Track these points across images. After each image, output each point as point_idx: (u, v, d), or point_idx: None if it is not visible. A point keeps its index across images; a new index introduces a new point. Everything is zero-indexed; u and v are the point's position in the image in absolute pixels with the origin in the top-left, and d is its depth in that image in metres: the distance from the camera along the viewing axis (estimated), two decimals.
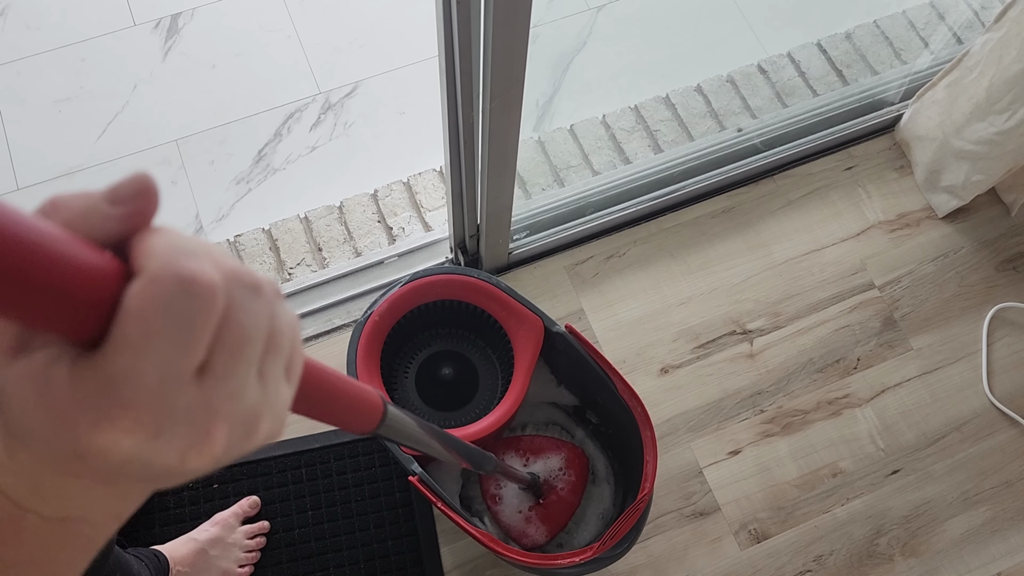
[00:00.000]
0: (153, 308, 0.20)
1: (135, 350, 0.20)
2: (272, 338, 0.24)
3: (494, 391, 1.16)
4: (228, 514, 1.16)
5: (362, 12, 1.70)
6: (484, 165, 1.04)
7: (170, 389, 0.21)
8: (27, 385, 0.20)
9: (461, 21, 0.82)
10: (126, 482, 0.23)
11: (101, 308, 0.20)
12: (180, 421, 0.21)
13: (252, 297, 0.23)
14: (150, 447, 0.21)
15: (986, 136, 1.26)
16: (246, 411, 0.23)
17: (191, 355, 0.21)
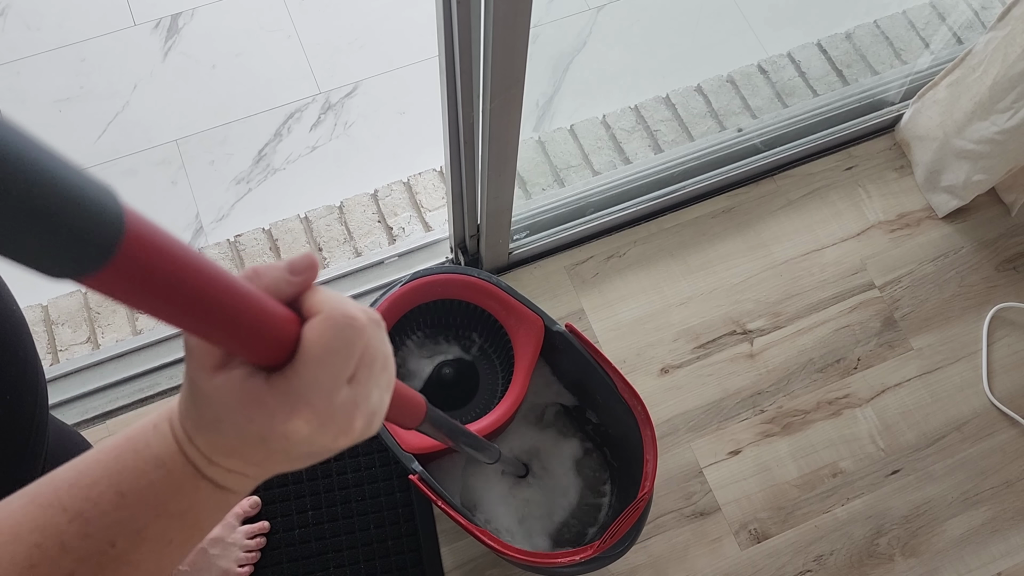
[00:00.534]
0: (330, 335, 0.31)
1: (318, 364, 0.30)
2: (385, 359, 0.35)
3: (494, 391, 1.16)
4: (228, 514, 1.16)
5: (362, 12, 1.70)
6: (484, 165, 1.04)
7: (335, 391, 0.31)
8: (229, 390, 0.30)
9: (461, 21, 0.82)
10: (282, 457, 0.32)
11: (284, 343, 0.31)
12: (338, 413, 0.31)
13: (378, 330, 0.34)
14: (318, 431, 0.31)
15: (988, 135, 1.26)
16: (371, 409, 0.34)
17: (349, 367, 0.32)
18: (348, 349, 0.31)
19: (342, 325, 0.31)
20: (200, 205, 1.50)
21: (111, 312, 1.35)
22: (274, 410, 0.30)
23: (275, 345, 0.30)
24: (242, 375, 0.30)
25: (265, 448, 0.31)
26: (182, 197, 1.50)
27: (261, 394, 0.30)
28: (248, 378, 0.30)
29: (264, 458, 0.32)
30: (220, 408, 0.31)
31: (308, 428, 0.30)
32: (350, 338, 0.31)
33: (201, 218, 1.48)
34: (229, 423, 0.31)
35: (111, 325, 1.34)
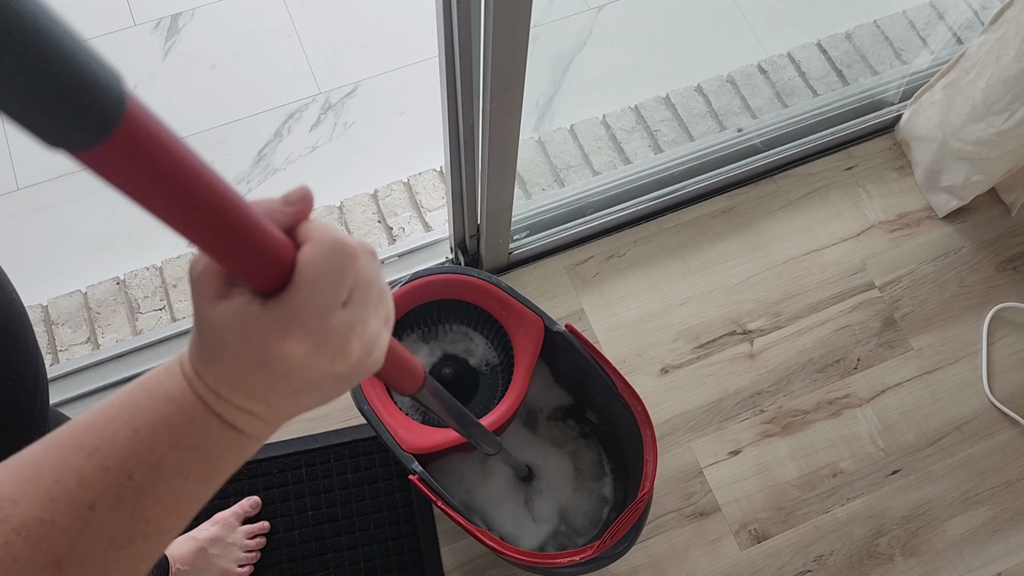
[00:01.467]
0: (323, 259, 0.32)
1: (311, 287, 0.31)
2: (382, 290, 0.36)
3: (494, 391, 1.16)
4: (228, 514, 1.16)
5: (362, 12, 1.70)
6: (484, 165, 1.04)
7: (329, 314, 0.32)
8: (230, 316, 0.31)
9: (461, 21, 0.82)
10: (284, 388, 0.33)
11: (281, 266, 0.31)
12: (332, 335, 0.32)
13: (372, 260, 0.35)
14: (313, 352, 0.32)
15: (985, 137, 1.26)
16: (369, 334, 0.34)
17: (343, 291, 0.32)
18: (340, 272, 0.32)
19: (335, 250, 0.32)
20: None
21: (111, 312, 1.35)
22: (269, 332, 0.31)
23: (271, 266, 0.31)
24: (241, 302, 0.31)
25: (266, 375, 0.32)
26: None
27: (257, 317, 0.31)
28: (246, 304, 0.31)
29: (267, 390, 0.33)
30: (222, 335, 0.32)
31: (303, 349, 0.31)
32: (342, 262, 0.32)
33: None
34: (229, 350, 0.32)
35: (111, 325, 1.34)
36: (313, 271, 0.31)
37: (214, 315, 0.32)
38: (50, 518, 0.30)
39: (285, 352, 0.31)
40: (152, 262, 1.40)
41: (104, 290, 1.37)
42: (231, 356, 0.32)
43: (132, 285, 1.38)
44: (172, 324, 1.34)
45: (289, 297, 0.31)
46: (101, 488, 0.31)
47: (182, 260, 1.40)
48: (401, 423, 1.03)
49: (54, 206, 1.49)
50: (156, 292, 1.37)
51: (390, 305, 0.38)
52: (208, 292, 0.32)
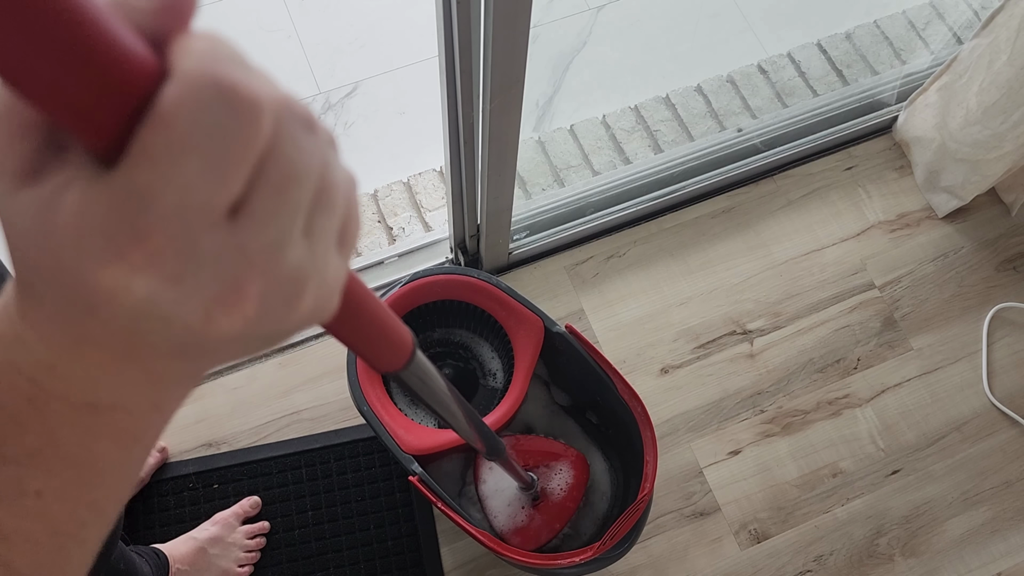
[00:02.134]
0: (182, 114, 0.17)
1: (156, 164, 0.17)
2: (324, 191, 0.20)
3: (494, 392, 1.16)
4: (228, 514, 1.16)
5: (362, 12, 1.70)
6: (484, 165, 1.04)
7: (196, 222, 0.17)
8: (33, 214, 0.18)
9: (461, 21, 0.82)
10: (146, 350, 0.20)
11: (130, 106, 0.17)
12: (206, 266, 0.18)
13: (305, 133, 0.20)
14: (168, 294, 0.18)
15: (982, 139, 1.27)
16: (287, 270, 0.20)
17: (224, 183, 0.18)
18: (218, 143, 0.17)
19: (210, 95, 0.17)
20: None
21: None
22: (84, 244, 0.17)
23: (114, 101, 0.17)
24: (57, 185, 0.18)
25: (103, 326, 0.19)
26: None
27: (70, 215, 0.17)
28: (63, 189, 0.17)
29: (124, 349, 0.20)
30: (29, 251, 0.18)
31: (144, 284, 0.18)
32: (224, 124, 0.17)
33: None
34: (41, 279, 0.19)
35: None
36: (165, 131, 0.17)
37: (14, 210, 0.18)
38: None
39: (111, 286, 0.18)
40: None
41: None
42: (45, 291, 0.19)
43: None
44: None
45: (123, 179, 0.17)
46: None
47: None
48: (401, 424, 1.03)
49: None
50: None
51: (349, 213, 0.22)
52: (8, 162, 0.18)
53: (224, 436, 1.23)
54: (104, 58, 0.16)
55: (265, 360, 1.29)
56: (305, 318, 0.21)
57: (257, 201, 0.18)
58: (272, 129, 0.18)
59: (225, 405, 1.25)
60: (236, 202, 0.18)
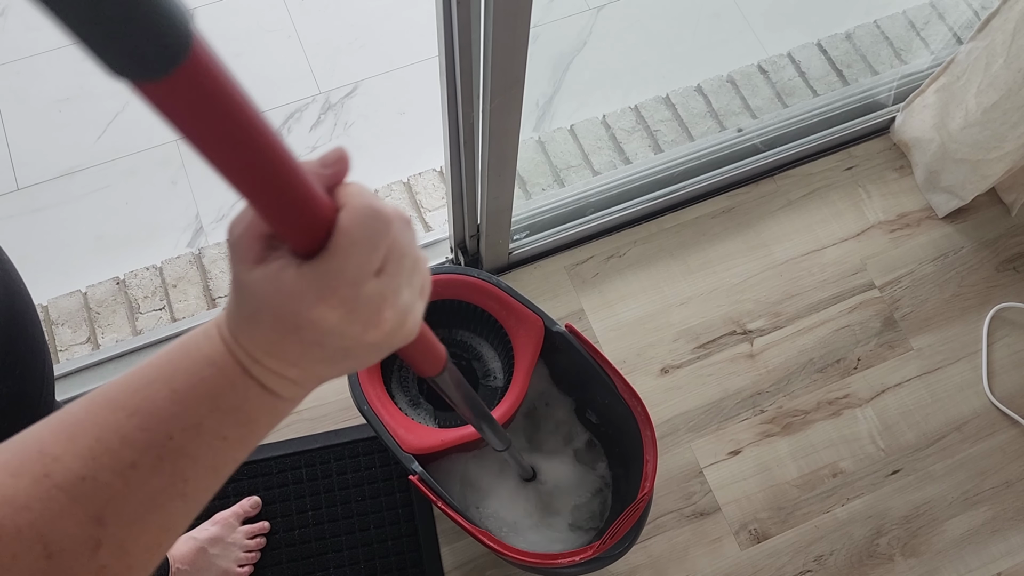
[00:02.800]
0: (357, 225, 0.31)
1: (345, 253, 0.31)
2: (416, 259, 0.35)
3: (494, 391, 1.16)
4: (228, 514, 1.16)
5: (362, 12, 1.70)
6: (484, 165, 1.04)
7: (361, 279, 0.32)
8: (266, 280, 0.32)
9: (461, 21, 0.82)
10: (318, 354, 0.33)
11: (321, 227, 0.31)
12: (365, 303, 0.32)
13: (408, 228, 0.35)
14: (345, 320, 0.32)
15: (981, 139, 1.27)
16: (402, 304, 0.34)
17: (376, 258, 0.32)
18: (374, 240, 0.32)
19: (369, 216, 0.32)
20: (200, 205, 1.50)
21: (111, 312, 1.35)
22: (302, 296, 0.31)
23: (312, 226, 0.31)
24: (278, 267, 0.32)
25: (299, 341, 0.32)
26: (182, 197, 1.50)
27: (292, 282, 0.31)
28: (283, 269, 0.32)
29: (300, 355, 0.33)
30: (258, 300, 0.32)
31: (335, 316, 0.31)
32: (376, 229, 0.32)
33: (201, 218, 1.48)
34: (265, 315, 0.32)
35: (111, 325, 1.34)
36: (347, 237, 0.31)
37: (251, 279, 0.32)
38: (92, 475, 0.31)
39: (317, 318, 0.31)
40: (152, 262, 1.40)
41: (104, 290, 1.37)
42: (266, 321, 0.32)
43: (132, 285, 1.38)
44: (172, 324, 1.34)
45: (323, 263, 0.31)
46: (142, 447, 0.32)
47: (182, 260, 1.40)
48: (401, 423, 1.03)
49: (54, 206, 1.49)
50: (156, 292, 1.37)
51: (425, 275, 0.37)
52: (247, 255, 0.32)
53: None
54: (307, 198, 0.30)
55: None
56: (407, 335, 0.36)
57: (389, 267, 0.33)
58: (394, 228, 0.33)
59: None
60: (379, 268, 0.33)
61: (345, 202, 0.32)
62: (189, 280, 1.38)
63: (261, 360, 0.33)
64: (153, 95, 0.25)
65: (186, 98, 0.25)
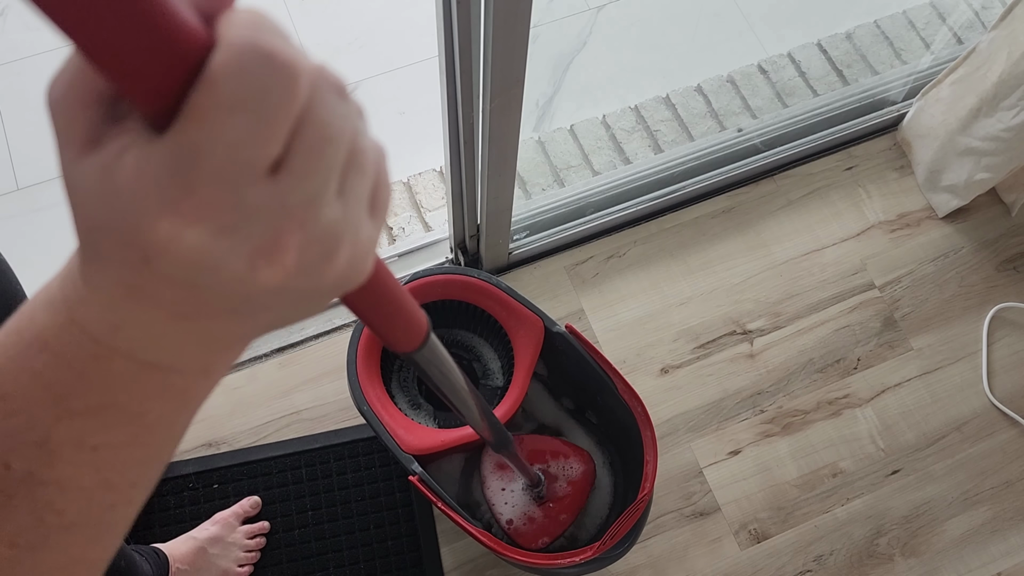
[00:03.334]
0: (228, 77, 0.19)
1: (204, 123, 0.19)
2: (355, 154, 0.22)
3: (494, 392, 1.16)
4: (228, 514, 1.16)
5: (362, 12, 1.70)
6: (484, 165, 1.04)
7: (241, 177, 0.19)
8: (100, 174, 0.20)
9: (461, 21, 0.82)
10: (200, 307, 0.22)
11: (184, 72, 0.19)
12: (250, 219, 0.20)
13: (337, 100, 0.21)
14: (216, 243, 0.20)
15: (994, 132, 1.26)
16: (323, 226, 0.21)
17: (266, 140, 0.19)
18: (261, 104, 0.19)
19: (253, 60, 0.19)
20: None
21: None
22: (141, 199, 0.19)
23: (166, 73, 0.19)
24: (117, 149, 0.20)
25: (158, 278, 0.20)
26: None
27: (129, 174, 0.19)
28: (123, 153, 0.19)
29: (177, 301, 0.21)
30: (91, 210, 0.20)
31: (194, 235, 0.19)
32: (265, 86, 0.19)
33: None
34: (103, 238, 0.20)
35: None
36: (212, 93, 0.19)
37: (79, 174, 0.20)
38: None
39: (165, 237, 0.19)
40: None
41: None
42: (107, 250, 0.20)
43: None
44: None
45: (175, 138, 0.19)
46: None
47: None
48: (401, 424, 1.03)
49: (54, 206, 1.49)
50: None
51: (379, 180, 0.24)
52: (73, 132, 0.20)
53: (224, 436, 1.23)
54: (162, 26, 0.18)
55: (265, 360, 1.29)
56: (340, 277, 0.23)
57: (295, 159, 0.20)
58: (308, 93, 0.20)
59: (225, 405, 1.25)
60: (276, 160, 0.20)
61: (223, 34, 0.19)
62: None
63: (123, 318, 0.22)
64: None
65: None
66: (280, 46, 0.19)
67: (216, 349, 0.24)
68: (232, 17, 0.19)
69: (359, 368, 1.04)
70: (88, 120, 0.20)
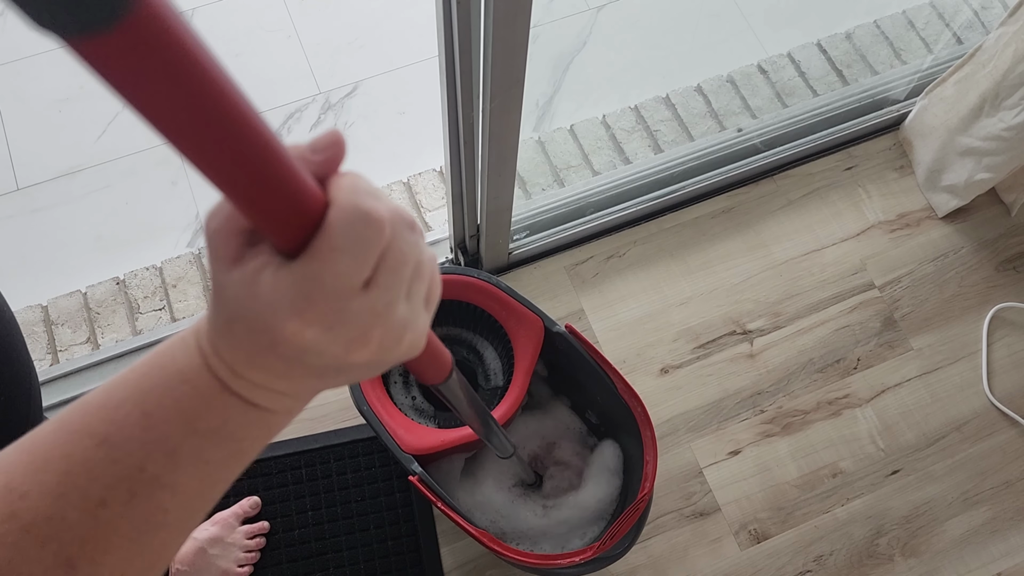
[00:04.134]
0: (339, 229, 0.27)
1: (323, 260, 0.27)
2: (419, 266, 0.30)
3: (494, 392, 1.16)
4: (228, 514, 1.16)
5: (362, 12, 1.70)
6: (484, 165, 1.04)
7: (344, 293, 0.27)
8: (242, 284, 0.28)
9: (461, 21, 0.82)
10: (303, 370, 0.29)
11: (307, 221, 0.27)
12: (349, 320, 0.28)
13: (408, 232, 0.30)
14: (326, 337, 0.28)
15: (995, 132, 1.26)
16: (396, 321, 0.29)
17: (362, 269, 0.27)
18: (361, 247, 0.27)
19: (357, 218, 0.27)
20: (200, 205, 1.50)
21: (111, 312, 1.35)
22: (276, 307, 0.27)
23: (293, 221, 0.26)
24: (255, 268, 0.27)
25: (278, 355, 0.28)
26: (182, 197, 1.50)
27: (268, 288, 0.27)
28: (261, 271, 0.27)
29: (285, 369, 0.29)
30: (233, 307, 0.28)
31: (312, 333, 0.27)
32: (363, 235, 0.27)
33: (201, 218, 1.48)
34: (239, 324, 0.28)
35: (111, 325, 1.34)
36: (329, 241, 0.27)
37: (227, 282, 0.28)
38: (60, 515, 0.28)
39: (291, 334, 0.27)
40: (152, 262, 1.40)
41: (104, 290, 1.37)
42: (241, 332, 0.28)
43: (132, 285, 1.38)
44: (172, 324, 1.34)
45: (302, 267, 0.27)
46: (111, 482, 0.29)
47: (182, 260, 1.40)
48: (401, 424, 1.03)
49: (54, 206, 1.49)
50: (156, 292, 1.37)
51: (433, 282, 0.32)
52: (223, 253, 0.28)
53: None
54: (292, 189, 0.26)
55: None
56: (404, 354, 0.32)
57: (381, 277, 0.28)
58: (390, 232, 0.28)
59: None
60: (368, 279, 0.28)
61: (334, 198, 0.27)
62: (189, 280, 1.38)
63: (242, 373, 0.30)
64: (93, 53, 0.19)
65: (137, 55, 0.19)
66: (373, 205, 0.27)
67: (303, 399, 0.33)
68: (339, 182, 0.28)
69: None
70: (236, 244, 0.28)
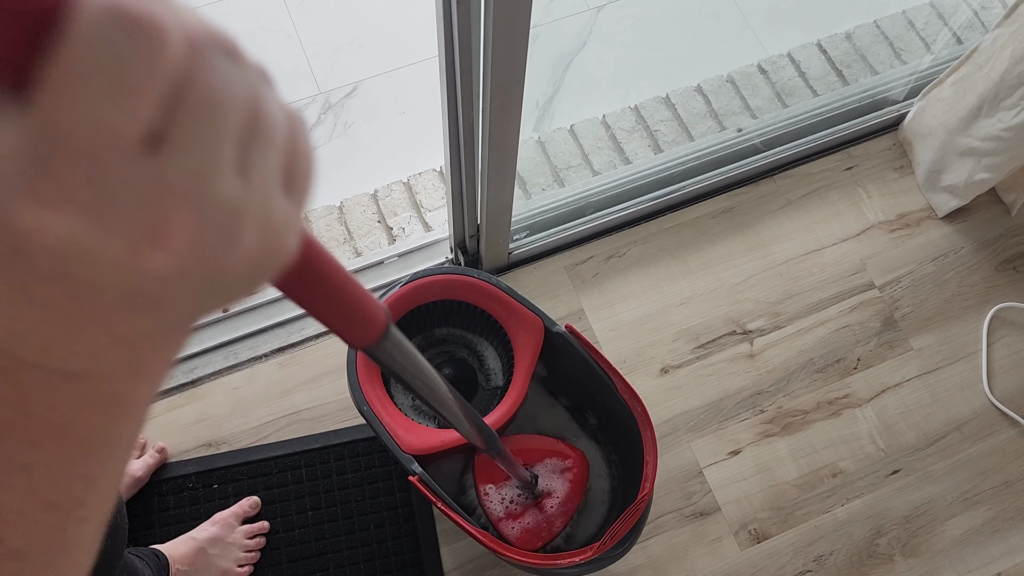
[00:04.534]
0: (79, 44, 0.16)
1: (60, 97, 0.16)
2: (256, 123, 0.20)
3: (494, 392, 1.16)
4: (228, 514, 1.16)
5: (362, 12, 1.70)
6: (484, 165, 1.04)
7: (106, 152, 0.17)
8: None
9: (461, 21, 0.82)
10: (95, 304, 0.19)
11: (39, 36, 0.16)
12: (124, 199, 0.17)
13: (227, 62, 0.19)
14: (90, 232, 0.17)
15: (994, 132, 1.26)
16: (219, 203, 0.19)
17: (131, 111, 0.17)
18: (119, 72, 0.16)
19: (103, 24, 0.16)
20: None
21: None
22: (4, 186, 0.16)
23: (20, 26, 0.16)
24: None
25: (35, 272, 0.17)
26: None
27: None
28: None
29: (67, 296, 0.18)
30: None
31: (63, 222, 0.17)
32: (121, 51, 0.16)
33: None
34: None
35: None
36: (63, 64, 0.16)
37: None
38: None
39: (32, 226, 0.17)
40: None
41: None
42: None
43: None
44: None
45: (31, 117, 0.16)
46: None
47: None
48: (401, 424, 1.03)
49: None
50: None
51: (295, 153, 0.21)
52: None
53: (224, 436, 1.23)
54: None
55: (265, 360, 1.29)
56: (252, 259, 0.20)
57: (176, 130, 0.18)
58: (184, 56, 0.18)
59: (225, 405, 1.25)
60: (155, 133, 0.17)
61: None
62: None
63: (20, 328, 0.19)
64: None
65: None
66: (143, 5, 0.17)
67: (136, 348, 0.21)
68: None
69: (359, 368, 1.04)
70: None
